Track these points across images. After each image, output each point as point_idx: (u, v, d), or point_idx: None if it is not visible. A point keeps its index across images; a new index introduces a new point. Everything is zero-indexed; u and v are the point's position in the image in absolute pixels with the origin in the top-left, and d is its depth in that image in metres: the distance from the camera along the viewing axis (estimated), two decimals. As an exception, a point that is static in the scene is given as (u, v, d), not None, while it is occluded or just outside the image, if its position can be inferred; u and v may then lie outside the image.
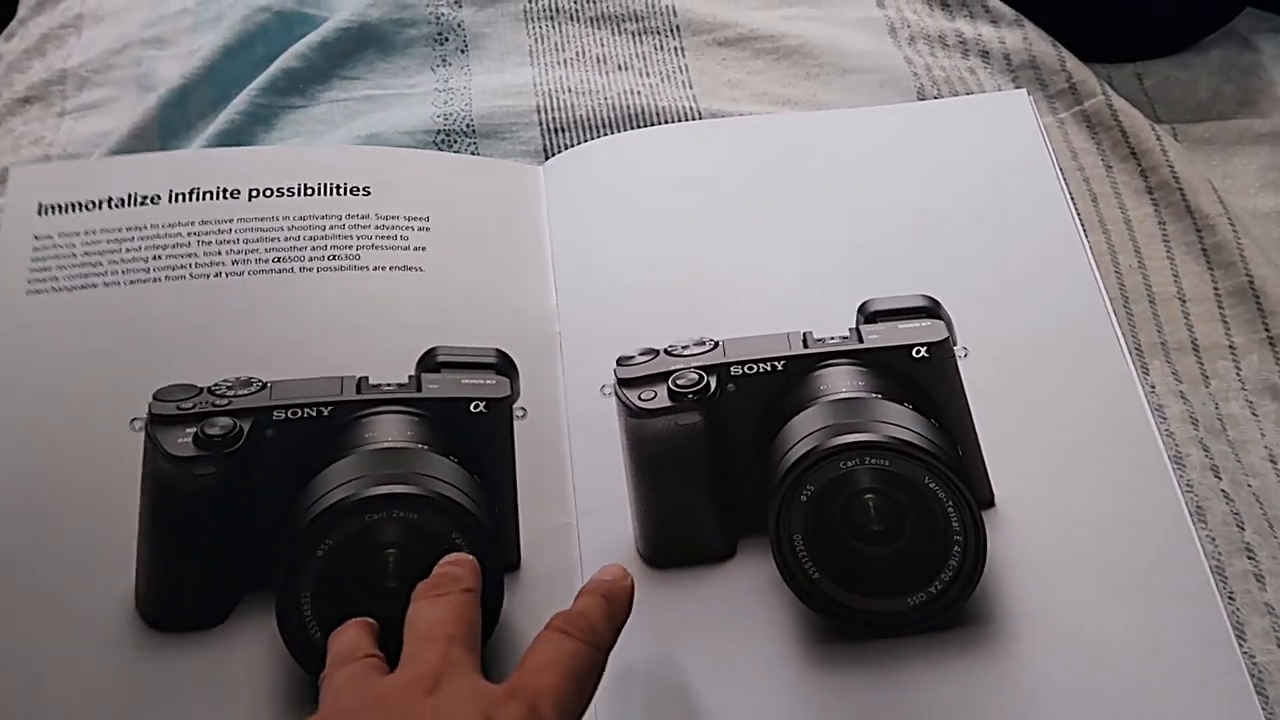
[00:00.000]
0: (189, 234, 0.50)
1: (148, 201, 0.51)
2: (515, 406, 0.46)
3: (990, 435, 0.45)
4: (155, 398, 0.44)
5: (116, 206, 0.51)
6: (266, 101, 0.59)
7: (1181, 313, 0.51)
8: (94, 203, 0.51)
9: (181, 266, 0.49)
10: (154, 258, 0.50)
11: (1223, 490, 0.46)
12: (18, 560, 0.43)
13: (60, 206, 0.51)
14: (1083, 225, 0.51)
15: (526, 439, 0.45)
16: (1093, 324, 0.48)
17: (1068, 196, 0.52)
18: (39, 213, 0.51)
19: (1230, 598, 0.43)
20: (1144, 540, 0.43)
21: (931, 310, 0.47)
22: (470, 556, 0.39)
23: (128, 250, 0.50)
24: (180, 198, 0.51)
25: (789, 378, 0.45)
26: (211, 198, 0.51)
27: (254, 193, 0.51)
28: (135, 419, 0.44)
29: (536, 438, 0.46)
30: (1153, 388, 0.49)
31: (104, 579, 0.43)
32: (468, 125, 0.58)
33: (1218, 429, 0.48)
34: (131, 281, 0.49)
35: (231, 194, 0.51)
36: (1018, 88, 0.58)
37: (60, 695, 0.40)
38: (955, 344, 0.46)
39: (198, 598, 0.43)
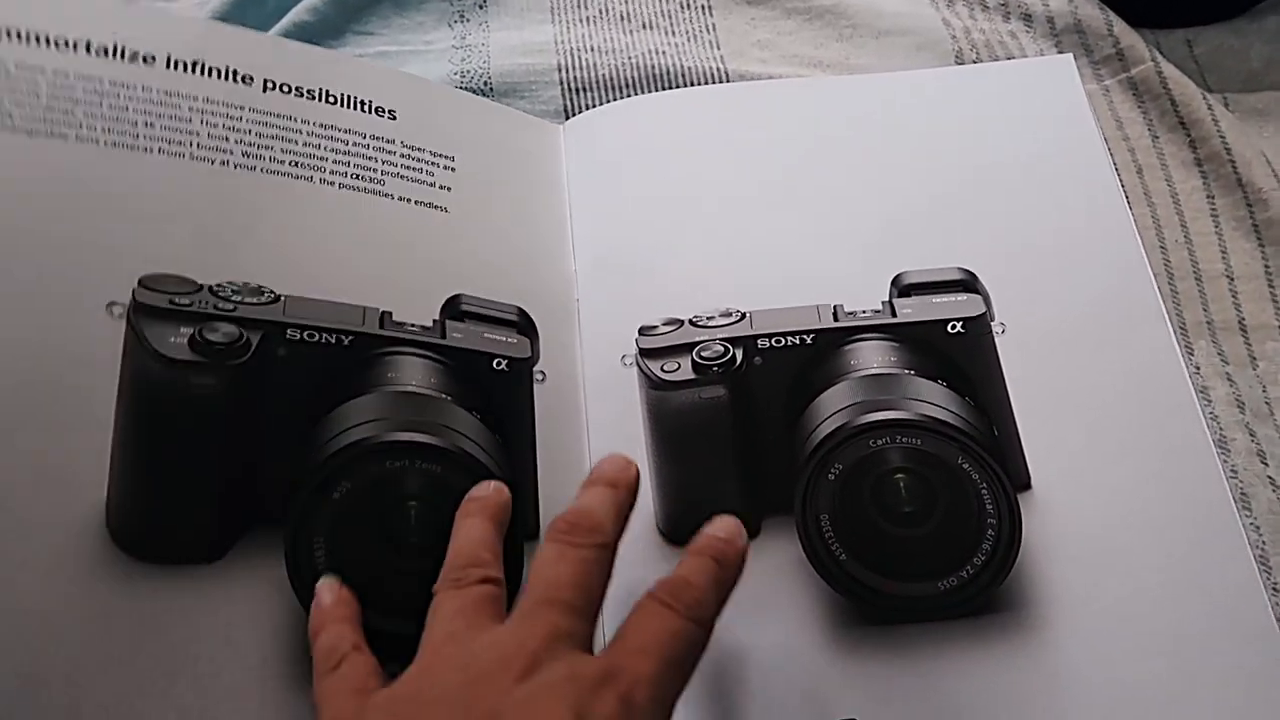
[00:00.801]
0: (190, 109, 0.44)
1: (139, 59, 0.44)
2: (536, 369, 0.44)
3: (1027, 415, 0.43)
4: (142, 284, 0.39)
5: (99, 55, 0.44)
6: (278, 55, 0.57)
7: (1229, 291, 0.49)
8: (68, 42, 0.44)
9: (180, 143, 0.43)
10: (145, 124, 0.43)
11: (1269, 477, 0.44)
12: None
13: (22, 34, 0.43)
14: (1127, 198, 0.49)
15: (545, 405, 0.44)
16: (1136, 301, 0.46)
17: (1112, 167, 0.50)
18: None
19: (1275, 589, 0.42)
20: (1185, 527, 0.41)
21: (968, 284, 0.45)
22: (626, 490, 0.36)
23: (110, 107, 0.43)
24: (181, 66, 0.45)
25: (818, 352, 0.43)
26: (219, 77, 0.45)
27: (269, 84, 0.46)
28: (114, 303, 0.39)
29: (554, 405, 0.44)
30: (1197, 368, 0.47)
31: (64, 492, 0.37)
32: (485, 83, 0.56)
33: (1265, 413, 0.46)
34: (114, 144, 0.42)
35: (244, 79, 0.46)
36: (1062, 53, 0.56)
37: (9, 618, 0.35)
38: (992, 319, 0.44)
39: (189, 528, 0.38)
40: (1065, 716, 0.38)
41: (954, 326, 0.43)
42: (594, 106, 0.55)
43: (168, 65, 0.45)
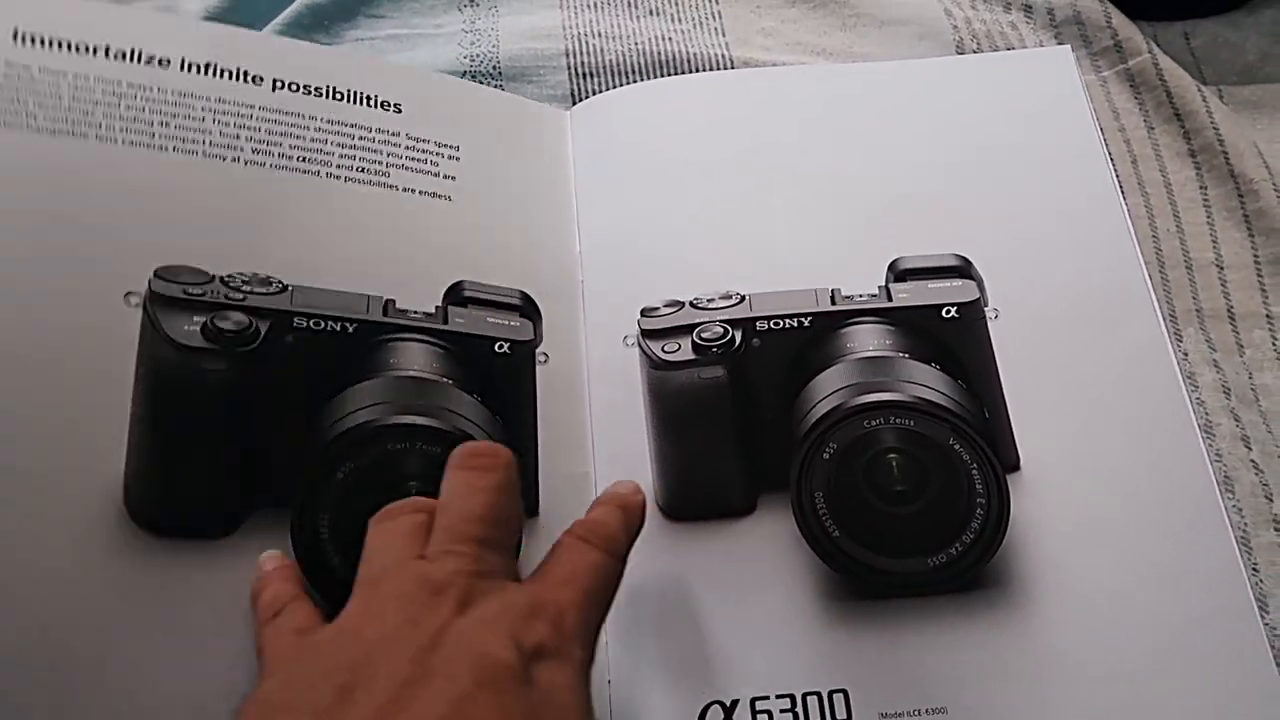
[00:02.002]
0: (204, 109, 0.46)
1: (156, 63, 0.46)
2: (538, 351, 0.45)
3: (1018, 398, 0.44)
4: (157, 275, 0.41)
5: (118, 59, 0.46)
6: (290, 37, 0.58)
7: (1219, 280, 0.50)
8: (89, 47, 0.45)
9: (194, 141, 0.45)
10: (161, 124, 0.45)
11: (1252, 461, 0.45)
12: None
13: (45, 40, 0.45)
14: (1121, 187, 0.50)
15: (547, 386, 0.45)
16: (1127, 289, 0.47)
17: (1107, 157, 0.51)
18: (14, 39, 0.45)
19: (1254, 569, 0.43)
20: (1170, 509, 0.42)
21: (963, 270, 0.46)
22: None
23: (128, 108, 0.45)
24: (195, 68, 0.47)
25: (815, 334, 0.44)
26: (230, 77, 0.47)
27: (278, 84, 0.48)
28: (130, 293, 0.40)
29: (557, 385, 0.45)
30: (1185, 355, 0.48)
31: (85, 465, 0.39)
32: (494, 67, 0.56)
33: (1250, 399, 0.47)
34: (132, 143, 0.44)
35: (254, 79, 0.47)
36: (1060, 44, 0.57)
37: (36, 592, 0.37)
38: (986, 305, 0.45)
39: (202, 504, 0.40)
40: (1050, 689, 0.39)
41: (948, 311, 0.44)
42: (601, 91, 0.55)
43: (182, 68, 0.47)
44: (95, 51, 0.46)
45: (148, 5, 0.58)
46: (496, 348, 0.43)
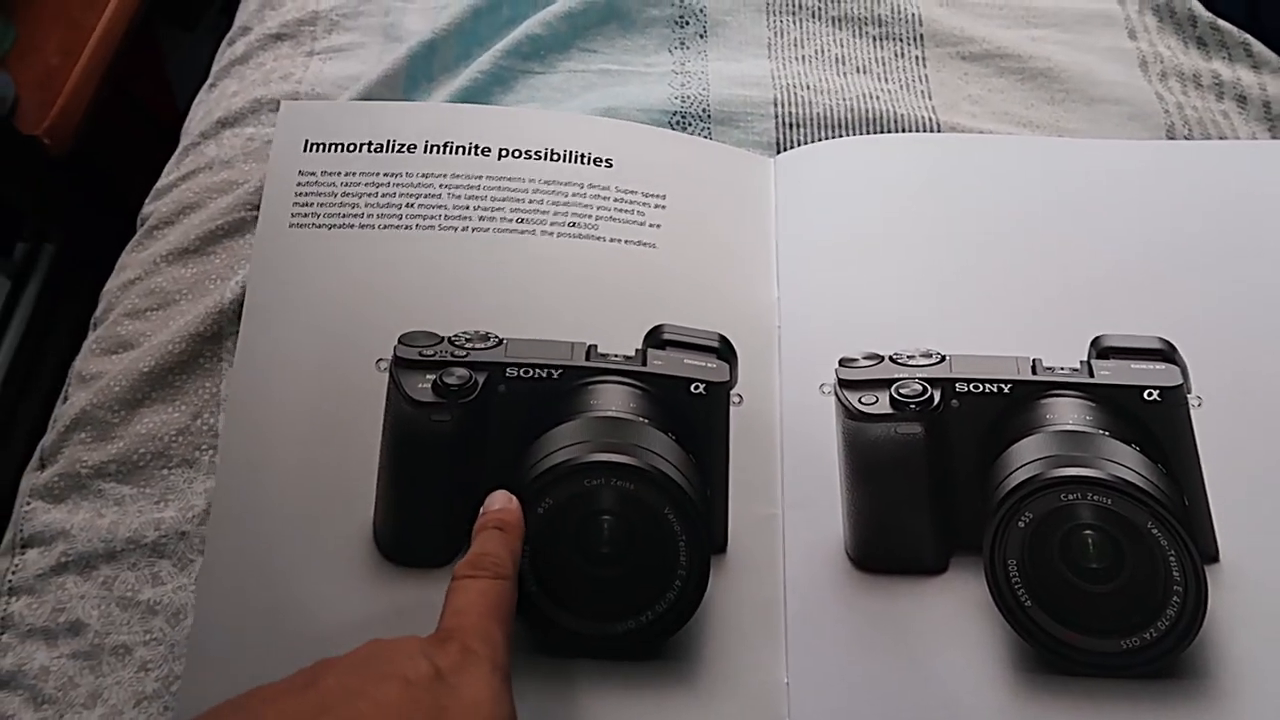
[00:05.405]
0: (440, 186, 0.51)
1: (404, 150, 0.52)
2: (732, 393, 0.46)
3: (1219, 490, 0.44)
4: (400, 342, 0.46)
5: (376, 151, 0.52)
6: (508, 64, 0.60)
7: None
8: (355, 145, 0.52)
9: (432, 217, 0.50)
10: (407, 205, 0.50)
11: None
12: (270, 480, 0.45)
13: (325, 146, 0.52)
14: (1334, 287, 0.49)
15: (740, 427, 0.46)
16: (1335, 389, 0.46)
17: (1320, 256, 0.50)
18: (305, 149, 0.52)
19: None
20: (1374, 619, 0.41)
21: (1166, 354, 0.46)
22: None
23: (383, 195, 0.51)
24: (435, 149, 0.52)
25: (1014, 402, 0.44)
26: (464, 153, 0.52)
27: (503, 152, 0.52)
28: (381, 360, 0.46)
29: (749, 427, 0.46)
30: (1394, 464, 0.47)
31: (346, 508, 0.44)
32: (704, 110, 0.58)
33: None
34: (385, 226, 0.50)
35: (482, 151, 0.52)
36: (1275, 137, 0.56)
37: (300, 611, 0.43)
38: (1190, 391, 0.45)
39: (429, 537, 0.44)
40: (1234, 789, 0.39)
41: (1150, 394, 0.44)
42: (806, 142, 0.56)
43: (425, 150, 0.52)
44: (360, 148, 0.52)
45: (391, 55, 0.61)
46: (692, 388, 0.45)
